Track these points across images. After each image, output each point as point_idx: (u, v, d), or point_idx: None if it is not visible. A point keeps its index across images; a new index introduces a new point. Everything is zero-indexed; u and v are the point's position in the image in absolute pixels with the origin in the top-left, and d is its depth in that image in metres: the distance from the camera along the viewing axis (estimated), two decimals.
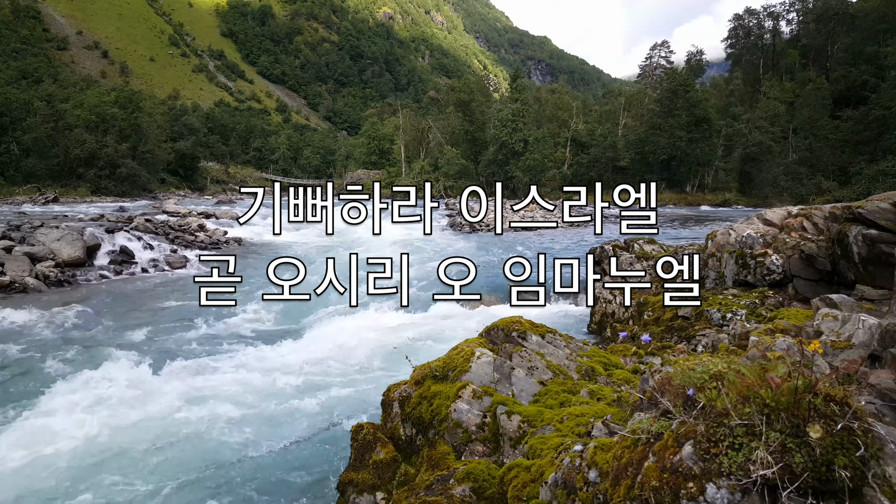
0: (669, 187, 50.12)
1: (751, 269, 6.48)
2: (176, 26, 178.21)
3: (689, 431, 1.48)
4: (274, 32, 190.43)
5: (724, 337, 5.02)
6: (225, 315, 9.31)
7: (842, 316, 3.53)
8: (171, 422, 5.27)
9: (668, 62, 66.30)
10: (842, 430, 1.33)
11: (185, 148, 67.30)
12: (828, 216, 6.18)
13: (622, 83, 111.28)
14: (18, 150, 46.96)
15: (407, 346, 7.54)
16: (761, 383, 1.47)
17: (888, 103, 39.33)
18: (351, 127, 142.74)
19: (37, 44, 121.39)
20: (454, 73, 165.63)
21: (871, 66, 44.90)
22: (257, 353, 7.59)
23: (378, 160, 68.15)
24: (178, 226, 16.98)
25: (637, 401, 2.18)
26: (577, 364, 3.64)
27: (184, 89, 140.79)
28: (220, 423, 5.28)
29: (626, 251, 8.70)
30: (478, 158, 55.74)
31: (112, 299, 10.27)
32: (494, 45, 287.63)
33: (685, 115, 48.25)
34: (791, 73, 56.49)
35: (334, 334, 8.44)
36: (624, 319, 7.39)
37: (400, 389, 3.59)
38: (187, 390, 5.99)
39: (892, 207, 5.13)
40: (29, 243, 12.33)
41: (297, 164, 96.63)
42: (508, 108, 54.11)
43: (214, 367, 6.83)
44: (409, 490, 2.86)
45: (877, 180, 34.45)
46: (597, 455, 1.94)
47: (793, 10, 61.54)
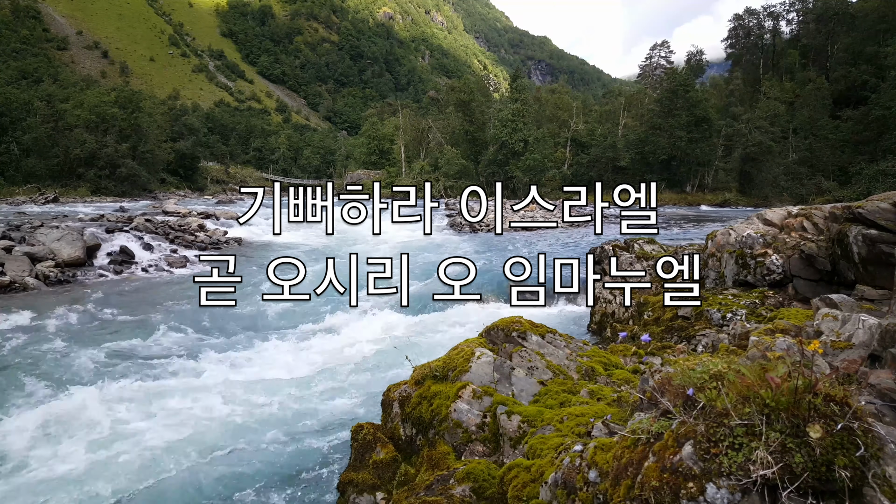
0: (669, 187, 50.10)
1: (751, 269, 6.48)
2: (176, 26, 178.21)
3: (689, 431, 1.48)
4: (274, 32, 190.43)
5: (724, 337, 5.02)
6: (225, 315, 9.31)
7: (842, 316, 3.53)
8: (171, 421, 5.27)
9: (668, 62, 66.27)
10: (842, 430, 1.33)
11: (185, 148, 67.28)
12: (828, 216, 6.18)
13: (622, 83, 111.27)
14: (18, 150, 46.95)
15: (407, 346, 7.54)
16: (761, 383, 1.47)
17: (888, 103, 39.32)
18: (351, 127, 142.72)
19: (37, 44, 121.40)
20: (454, 73, 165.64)
21: (871, 66, 44.89)
22: (257, 353, 7.60)
23: (378, 160, 68.14)
24: (178, 226, 16.98)
25: (637, 401, 2.18)
26: (577, 364, 3.64)
27: (184, 89, 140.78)
28: (219, 423, 5.28)
29: (626, 251, 8.70)
30: (478, 158, 55.72)
31: (112, 299, 10.27)
32: (494, 45, 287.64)
33: (685, 115, 48.23)
34: (791, 73, 56.48)
35: (334, 334, 8.45)
36: (624, 319, 7.39)
37: (400, 389, 3.59)
38: (186, 390, 5.99)
39: (892, 207, 5.13)
40: (29, 243, 12.33)
41: (297, 164, 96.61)
42: (508, 108, 54.10)
43: (213, 367, 6.84)
44: (409, 490, 2.86)
45: (877, 180, 34.44)
46: (597, 455, 1.94)
47: (793, 10, 61.59)
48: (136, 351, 7.35)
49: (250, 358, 7.36)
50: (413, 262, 11.39)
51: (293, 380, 6.40)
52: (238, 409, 5.60)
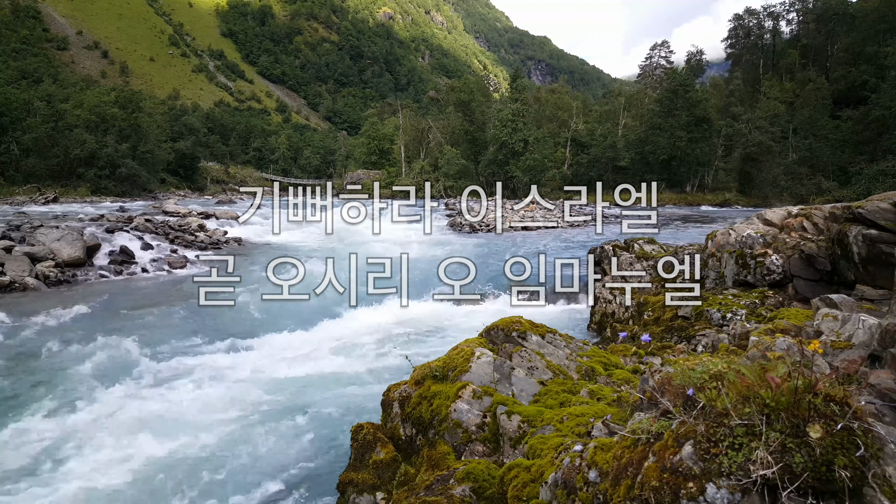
0: (669, 187, 50.07)
1: (751, 269, 6.48)
2: (176, 26, 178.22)
3: (689, 431, 1.48)
4: (274, 32, 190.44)
5: (724, 337, 5.01)
6: (224, 315, 9.31)
7: (842, 316, 3.53)
8: (170, 421, 5.27)
9: (668, 62, 66.24)
10: (842, 430, 1.33)
11: (185, 148, 67.27)
12: (828, 216, 6.19)
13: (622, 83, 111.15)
14: (18, 150, 46.95)
15: (407, 346, 7.55)
16: (761, 383, 1.47)
17: (888, 103, 39.30)
18: (351, 127, 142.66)
19: (37, 44, 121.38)
20: (454, 73, 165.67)
21: (871, 66, 44.88)
22: (256, 353, 7.59)
23: (378, 160, 68.11)
24: (178, 226, 16.97)
25: (637, 401, 2.18)
26: (577, 364, 3.64)
27: (184, 89, 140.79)
28: (217, 423, 5.27)
29: (626, 251, 8.70)
30: (478, 158, 55.70)
31: (112, 299, 10.26)
32: (494, 45, 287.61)
33: (685, 115, 48.22)
34: (791, 73, 56.44)
35: (333, 334, 8.44)
36: (624, 319, 7.39)
37: (400, 389, 3.58)
38: (185, 390, 5.99)
39: (892, 207, 5.13)
40: (29, 243, 12.33)
41: (297, 164, 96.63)
42: (508, 108, 54.09)
43: (212, 367, 6.83)
44: (409, 490, 2.86)
45: (877, 180, 34.44)
46: (597, 455, 1.94)
47: (793, 10, 61.57)
48: (136, 351, 7.34)
49: (249, 358, 7.35)
50: (413, 263, 11.37)
51: (293, 379, 6.40)
52: (237, 409, 5.59)
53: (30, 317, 8.74)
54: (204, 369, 6.75)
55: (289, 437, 5.03)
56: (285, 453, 4.77)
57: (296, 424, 5.28)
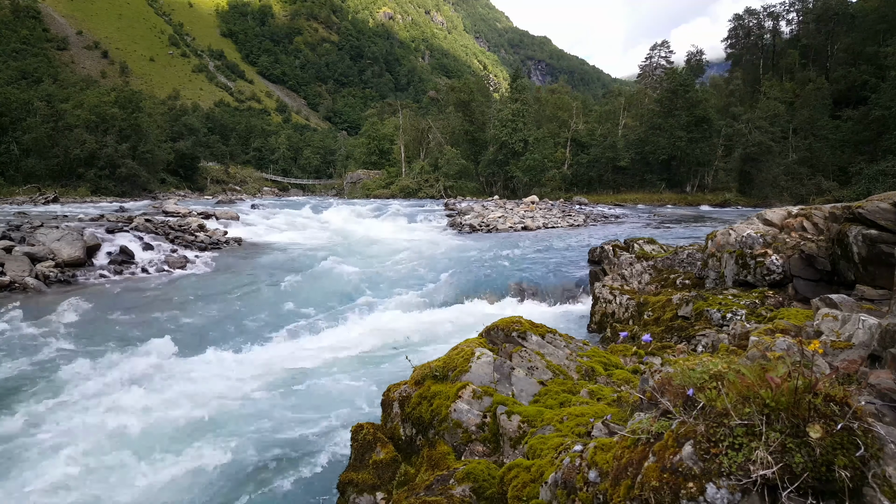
0: (669, 187, 50.11)
1: (751, 269, 6.48)
2: (176, 26, 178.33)
3: (689, 431, 1.48)
4: (274, 32, 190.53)
5: (724, 337, 5.01)
6: (224, 315, 9.31)
7: (842, 316, 3.52)
8: (170, 421, 5.27)
9: (667, 62, 66.29)
10: (842, 430, 1.33)
11: (185, 148, 67.34)
12: (828, 216, 6.19)
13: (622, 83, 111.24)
14: (18, 150, 46.98)
15: (407, 346, 7.55)
16: (761, 383, 1.47)
17: (888, 103, 39.32)
18: (351, 127, 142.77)
19: (37, 44, 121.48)
20: (454, 73, 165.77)
21: (871, 66, 44.90)
22: (256, 354, 7.60)
23: (378, 160, 68.14)
24: (178, 226, 16.96)
25: (637, 401, 2.18)
26: (577, 364, 3.64)
27: (184, 89, 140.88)
28: (217, 423, 5.28)
29: (626, 251, 8.70)
30: (478, 158, 55.68)
31: (112, 299, 10.27)
32: (494, 45, 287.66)
33: (685, 115, 48.25)
34: (791, 73, 56.47)
35: (334, 334, 8.45)
36: (624, 319, 7.39)
37: (400, 389, 3.58)
38: (186, 390, 5.99)
39: (892, 207, 5.13)
40: (29, 243, 12.32)
41: (297, 164, 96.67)
42: (508, 108, 54.12)
43: (211, 367, 6.84)
44: (409, 490, 2.86)
45: (877, 180, 34.46)
46: (597, 455, 1.94)
47: (793, 10, 61.62)
48: (135, 351, 7.35)
49: (249, 358, 7.36)
50: (413, 263, 11.39)
51: (293, 379, 6.41)
52: (236, 408, 5.60)
53: (30, 317, 8.74)
54: (202, 369, 6.75)
55: (288, 437, 5.03)
56: (284, 453, 4.77)
57: (295, 424, 5.28)
